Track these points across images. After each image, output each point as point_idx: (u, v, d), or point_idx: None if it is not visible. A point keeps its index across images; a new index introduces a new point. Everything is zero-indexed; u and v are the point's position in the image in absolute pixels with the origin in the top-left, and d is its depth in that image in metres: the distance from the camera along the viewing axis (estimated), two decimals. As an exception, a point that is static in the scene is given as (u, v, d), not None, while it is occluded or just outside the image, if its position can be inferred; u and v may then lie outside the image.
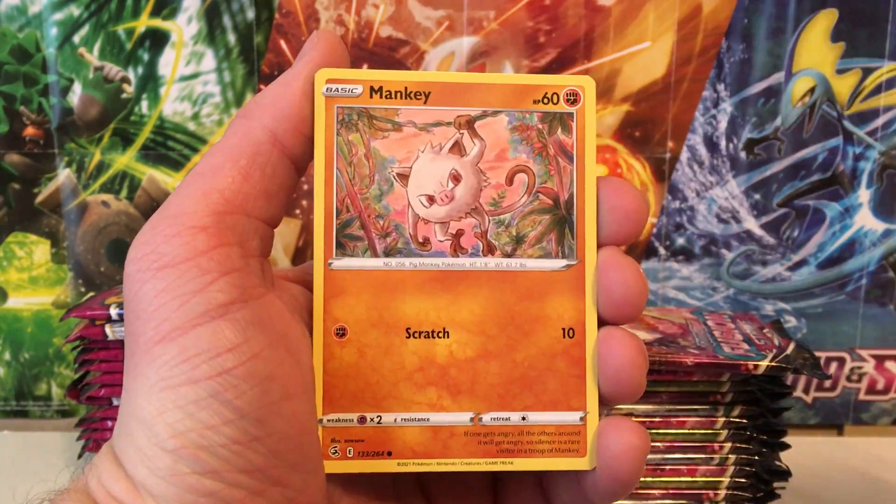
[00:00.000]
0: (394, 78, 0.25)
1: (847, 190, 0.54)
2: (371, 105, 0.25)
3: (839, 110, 0.53)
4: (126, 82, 0.53)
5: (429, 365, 0.25)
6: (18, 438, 0.55)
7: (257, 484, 0.22)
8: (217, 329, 0.22)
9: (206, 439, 0.21)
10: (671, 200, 0.55)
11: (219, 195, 0.23)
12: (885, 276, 0.55)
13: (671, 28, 0.52)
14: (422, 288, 0.25)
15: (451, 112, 0.25)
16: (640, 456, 0.25)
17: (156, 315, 0.22)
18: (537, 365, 0.25)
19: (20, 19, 0.52)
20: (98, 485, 0.23)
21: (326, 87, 0.25)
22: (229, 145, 0.24)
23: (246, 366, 0.22)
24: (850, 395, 0.57)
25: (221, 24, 0.53)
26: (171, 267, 0.22)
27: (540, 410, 0.25)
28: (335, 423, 0.25)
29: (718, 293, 0.56)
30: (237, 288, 0.23)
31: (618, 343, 0.25)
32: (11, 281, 0.55)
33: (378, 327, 0.25)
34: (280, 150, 0.24)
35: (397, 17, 0.53)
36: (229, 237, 0.23)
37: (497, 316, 0.25)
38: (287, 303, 0.25)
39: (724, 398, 0.41)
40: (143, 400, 0.22)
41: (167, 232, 0.23)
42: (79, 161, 0.54)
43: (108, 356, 0.42)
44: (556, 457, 0.25)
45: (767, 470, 0.41)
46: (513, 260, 0.25)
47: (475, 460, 0.25)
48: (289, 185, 0.24)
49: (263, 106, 0.24)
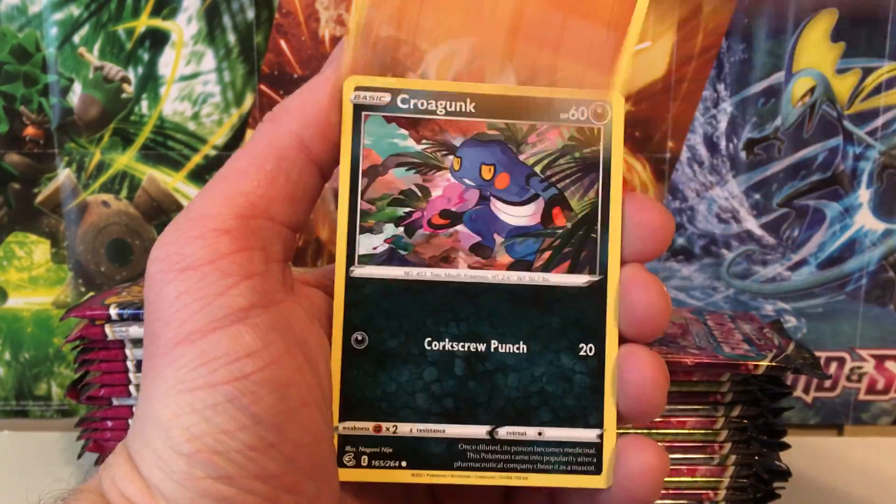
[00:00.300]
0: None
1: (847, 190, 0.54)
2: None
3: (839, 110, 0.53)
4: (126, 82, 0.53)
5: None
6: (18, 438, 0.55)
7: (271, 490, 0.22)
8: (237, 333, 0.22)
9: (221, 444, 0.21)
10: (671, 200, 0.55)
11: (243, 199, 0.23)
12: (885, 276, 0.55)
13: (671, 28, 0.52)
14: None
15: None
16: (659, 477, 0.24)
17: (176, 317, 0.22)
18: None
19: (20, 19, 0.52)
20: (112, 485, 0.23)
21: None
22: (255, 149, 0.24)
23: (264, 372, 0.22)
24: (850, 395, 0.57)
25: (221, 23, 0.53)
26: (192, 269, 0.22)
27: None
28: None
29: (718, 293, 0.56)
30: (258, 293, 0.23)
31: (640, 361, 0.24)
32: (11, 281, 0.55)
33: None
34: (306, 156, 0.24)
35: (397, 16, 0.52)
36: (252, 241, 0.23)
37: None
38: (307, 309, 0.24)
39: (724, 398, 0.41)
40: (159, 402, 0.22)
41: (191, 234, 0.23)
42: (79, 161, 0.54)
43: (108, 356, 0.42)
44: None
45: (767, 470, 0.41)
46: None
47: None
48: (314, 190, 0.25)
49: (291, 111, 0.24)
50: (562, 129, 0.25)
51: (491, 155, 0.25)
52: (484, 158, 0.25)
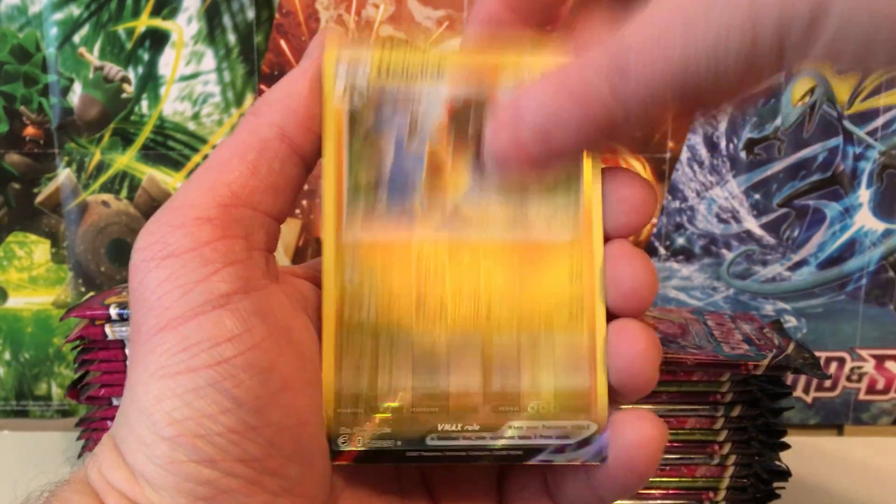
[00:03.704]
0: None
1: (847, 190, 0.54)
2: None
3: (839, 110, 0.53)
4: (126, 82, 0.53)
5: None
6: (18, 438, 0.55)
7: (253, 473, 0.22)
8: (218, 318, 0.22)
9: (203, 428, 0.22)
10: (671, 200, 0.55)
11: (226, 188, 0.23)
12: (885, 276, 0.55)
13: (671, 28, 0.52)
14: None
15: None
16: (658, 447, 0.24)
17: (158, 304, 0.22)
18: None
19: (20, 19, 0.52)
20: (98, 474, 0.23)
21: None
22: (237, 141, 0.24)
23: (245, 356, 0.22)
24: (850, 395, 0.57)
25: (221, 23, 0.53)
26: (174, 256, 0.22)
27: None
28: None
29: (718, 293, 0.56)
30: (240, 279, 0.23)
31: (630, 333, 0.24)
32: (11, 281, 0.56)
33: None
34: (288, 146, 0.24)
35: (397, 16, 0.53)
36: (234, 229, 0.23)
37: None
38: (291, 296, 0.25)
39: (723, 398, 0.41)
40: (142, 388, 0.22)
41: (172, 223, 0.23)
42: (79, 161, 0.54)
43: (108, 356, 0.42)
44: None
45: (767, 470, 0.41)
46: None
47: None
48: (297, 181, 0.25)
49: (272, 103, 0.24)
50: None
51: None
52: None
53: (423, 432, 0.25)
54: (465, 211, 0.25)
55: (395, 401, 0.25)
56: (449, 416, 0.25)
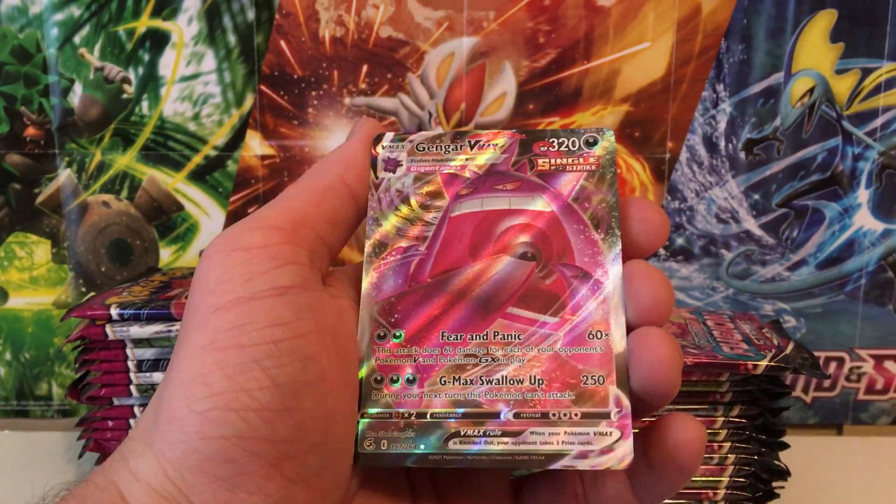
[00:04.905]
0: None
1: (846, 190, 0.55)
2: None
3: (838, 110, 0.54)
4: (126, 83, 0.53)
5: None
6: (19, 438, 0.55)
7: (277, 455, 0.23)
8: (273, 305, 0.24)
9: (239, 402, 0.23)
10: (670, 201, 0.55)
11: (295, 212, 0.26)
12: (885, 276, 0.55)
13: (670, 28, 0.53)
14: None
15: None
16: (701, 447, 0.25)
17: (219, 288, 0.24)
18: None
19: (21, 19, 0.52)
20: (121, 464, 0.24)
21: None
22: (307, 181, 0.28)
23: (291, 342, 0.24)
24: (850, 395, 0.57)
25: (222, 24, 0.53)
26: (244, 250, 0.25)
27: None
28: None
29: (718, 293, 0.56)
30: (300, 277, 0.25)
31: (651, 341, 0.25)
32: (12, 281, 0.56)
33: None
34: (347, 190, 0.28)
35: (397, 17, 0.53)
36: (301, 241, 0.26)
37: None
38: (343, 307, 0.27)
39: (723, 398, 0.41)
40: (185, 364, 0.24)
41: (248, 227, 0.26)
42: (79, 161, 0.54)
43: (109, 356, 0.42)
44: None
45: (767, 470, 0.41)
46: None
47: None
48: (351, 221, 0.28)
49: (331, 160, 0.28)
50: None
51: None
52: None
53: (446, 437, 0.25)
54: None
55: (420, 406, 0.26)
56: (472, 421, 0.25)
